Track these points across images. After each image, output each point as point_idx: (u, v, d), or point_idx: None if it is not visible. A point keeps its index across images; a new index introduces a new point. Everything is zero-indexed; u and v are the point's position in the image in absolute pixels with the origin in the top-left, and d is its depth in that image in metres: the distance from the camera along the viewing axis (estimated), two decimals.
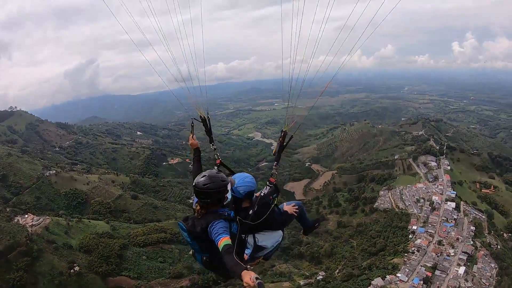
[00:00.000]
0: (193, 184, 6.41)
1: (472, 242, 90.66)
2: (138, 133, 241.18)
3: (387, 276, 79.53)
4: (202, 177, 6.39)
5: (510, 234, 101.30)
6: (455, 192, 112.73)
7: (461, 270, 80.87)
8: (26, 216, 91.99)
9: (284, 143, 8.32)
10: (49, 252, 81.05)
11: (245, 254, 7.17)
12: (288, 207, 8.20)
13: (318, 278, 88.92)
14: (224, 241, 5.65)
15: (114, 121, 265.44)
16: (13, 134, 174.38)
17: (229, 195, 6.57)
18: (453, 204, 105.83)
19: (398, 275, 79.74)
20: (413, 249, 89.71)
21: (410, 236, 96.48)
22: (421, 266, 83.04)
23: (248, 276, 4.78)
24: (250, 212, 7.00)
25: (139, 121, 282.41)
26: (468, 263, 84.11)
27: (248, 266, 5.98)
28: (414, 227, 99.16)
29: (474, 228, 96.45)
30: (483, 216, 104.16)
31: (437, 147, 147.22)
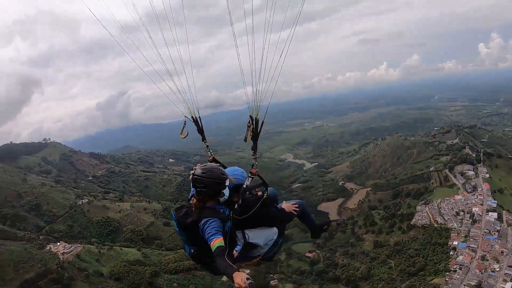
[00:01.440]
0: (192, 172, 6.39)
1: None
2: (170, 160, 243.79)
3: None
4: (201, 167, 6.42)
5: None
6: (496, 201, 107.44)
7: (508, 286, 75.83)
8: (58, 244, 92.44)
9: (258, 131, 7.88)
10: (80, 280, 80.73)
11: (234, 251, 6.73)
12: (287, 205, 7.87)
13: None
14: (217, 242, 5.61)
15: (146, 149, 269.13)
16: (47, 164, 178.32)
17: (226, 192, 6.47)
18: (495, 215, 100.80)
19: None
20: (455, 267, 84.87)
21: (451, 253, 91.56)
22: (464, 285, 78.40)
23: (240, 277, 4.77)
24: (236, 206, 6.72)
25: (171, 148, 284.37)
26: None
27: (244, 265, 7.19)
28: (455, 243, 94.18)
29: None
30: None
31: (474, 155, 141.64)
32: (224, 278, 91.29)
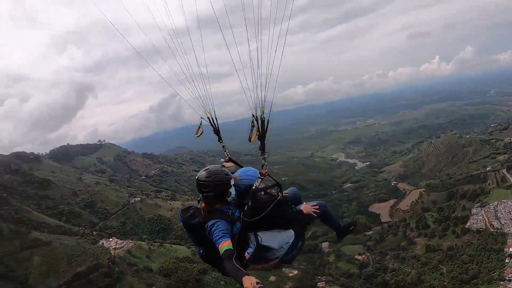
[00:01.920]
0: (196, 177, 6.43)
1: None
2: (222, 160, 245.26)
3: None
4: (204, 171, 6.44)
5: None
6: None
7: None
8: (111, 239, 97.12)
9: (264, 130, 7.65)
10: (130, 275, 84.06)
11: (246, 253, 6.70)
12: (306, 206, 7.70)
13: None
14: (225, 245, 5.57)
15: (198, 150, 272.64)
16: (102, 164, 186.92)
17: (232, 191, 6.56)
18: None
19: None
20: (510, 275, 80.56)
21: (506, 261, 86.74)
22: None
23: (249, 282, 4.73)
24: (246, 207, 6.60)
25: (222, 148, 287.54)
26: None
27: (260, 267, 7.14)
28: (511, 250, 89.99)
29: None
30: None
31: None
32: (272, 277, 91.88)
